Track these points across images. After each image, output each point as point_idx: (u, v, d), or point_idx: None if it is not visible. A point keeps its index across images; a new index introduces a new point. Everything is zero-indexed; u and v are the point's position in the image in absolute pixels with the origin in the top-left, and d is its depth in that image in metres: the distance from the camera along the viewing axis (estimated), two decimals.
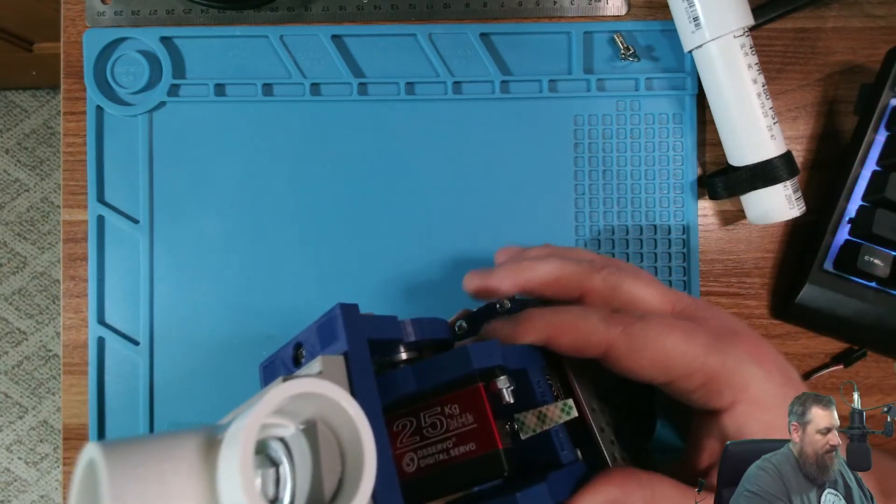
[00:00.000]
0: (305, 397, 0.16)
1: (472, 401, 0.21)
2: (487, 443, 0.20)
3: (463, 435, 0.21)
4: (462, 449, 0.20)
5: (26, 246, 1.12)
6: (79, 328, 0.36)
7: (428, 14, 0.36)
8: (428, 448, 0.21)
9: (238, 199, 0.36)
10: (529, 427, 0.22)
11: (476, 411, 0.21)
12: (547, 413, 0.22)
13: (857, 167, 0.33)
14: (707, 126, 0.36)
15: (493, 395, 0.21)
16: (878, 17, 0.36)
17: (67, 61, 0.36)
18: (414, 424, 0.21)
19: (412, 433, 0.21)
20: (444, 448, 0.21)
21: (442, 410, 0.21)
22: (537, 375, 0.24)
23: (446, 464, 0.21)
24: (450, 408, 0.21)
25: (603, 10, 0.36)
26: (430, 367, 0.22)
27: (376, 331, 0.20)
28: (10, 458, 1.11)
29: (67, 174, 0.36)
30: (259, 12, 0.36)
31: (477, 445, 0.20)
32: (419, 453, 0.21)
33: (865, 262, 0.32)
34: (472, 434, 0.21)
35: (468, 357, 0.21)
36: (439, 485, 0.20)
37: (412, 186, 0.36)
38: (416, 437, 0.21)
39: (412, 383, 0.21)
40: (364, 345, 0.19)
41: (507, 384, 0.21)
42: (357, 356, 0.19)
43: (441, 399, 0.21)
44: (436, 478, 0.21)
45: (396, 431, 0.21)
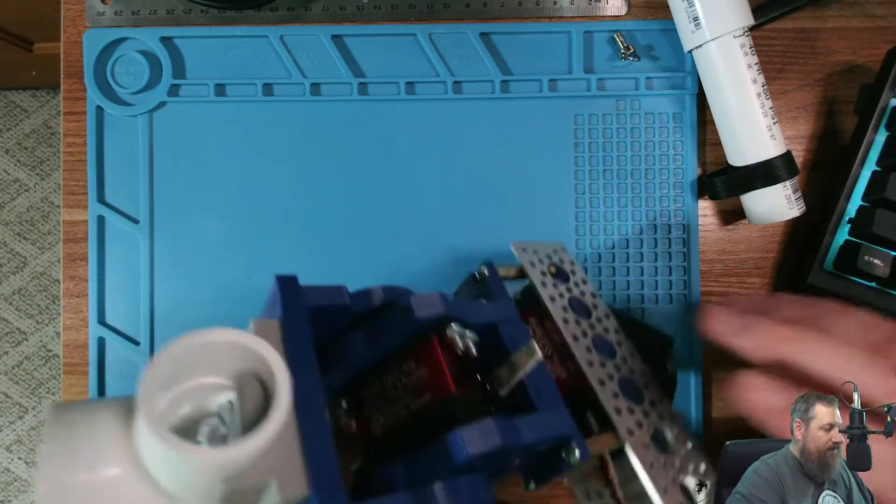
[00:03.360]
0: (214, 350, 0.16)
1: (425, 353, 0.21)
2: (441, 389, 0.20)
3: (420, 387, 0.20)
4: (420, 401, 0.20)
5: (26, 246, 1.12)
6: (79, 328, 0.36)
7: (428, 14, 0.36)
8: (391, 407, 0.21)
9: (238, 199, 0.36)
10: (503, 380, 0.21)
11: (429, 362, 0.21)
12: (515, 361, 0.21)
13: (857, 167, 0.33)
14: (707, 126, 0.36)
15: (449, 347, 0.21)
16: (878, 17, 0.36)
17: (67, 61, 0.36)
18: (379, 388, 0.21)
19: (378, 396, 0.21)
20: (405, 404, 0.20)
21: (401, 369, 0.21)
22: (511, 329, 0.23)
23: (407, 418, 0.20)
24: (407, 365, 0.21)
25: (603, 10, 0.36)
26: (378, 326, 0.21)
27: (318, 298, 0.20)
28: (10, 458, 1.11)
29: (67, 174, 0.36)
30: (259, 12, 0.36)
31: (432, 394, 0.20)
32: (385, 413, 0.21)
33: (865, 263, 0.32)
34: (428, 384, 0.20)
35: (409, 308, 0.21)
36: (404, 440, 0.20)
37: (412, 186, 0.36)
38: (382, 399, 0.21)
39: (363, 344, 0.21)
40: (301, 309, 0.19)
41: (458, 332, 0.21)
42: (292, 318, 0.19)
43: (401, 358, 0.21)
44: (400, 433, 0.20)
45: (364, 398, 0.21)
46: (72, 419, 0.16)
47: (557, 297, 0.26)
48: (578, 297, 0.27)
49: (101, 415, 0.17)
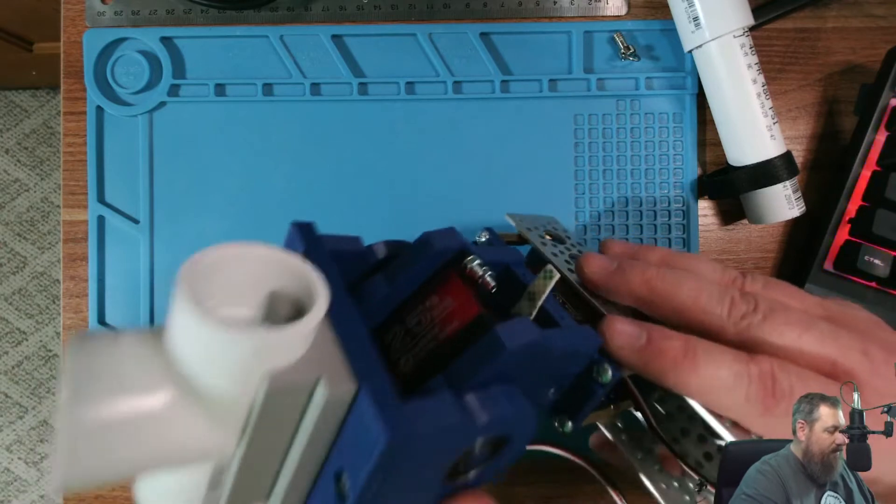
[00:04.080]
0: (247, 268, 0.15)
1: (446, 284, 0.21)
2: (468, 312, 0.20)
3: (445, 318, 0.20)
4: (447, 329, 0.20)
5: (26, 246, 1.12)
6: (79, 328, 0.36)
7: (428, 14, 0.36)
8: (419, 343, 0.20)
9: (238, 199, 0.36)
10: (524, 311, 0.21)
11: (452, 292, 0.21)
12: (534, 289, 0.21)
13: (857, 167, 0.33)
14: (707, 126, 0.36)
15: (469, 279, 0.21)
16: (878, 17, 0.36)
17: (67, 61, 0.36)
18: (403, 330, 0.21)
19: (403, 337, 0.21)
20: (432, 336, 0.20)
21: (425, 306, 0.21)
22: (522, 270, 0.23)
23: (436, 349, 0.20)
24: (429, 301, 0.21)
25: (603, 10, 0.36)
26: (397, 264, 0.21)
27: (336, 244, 0.20)
28: (10, 458, 1.11)
29: (67, 174, 0.36)
30: (259, 12, 0.36)
31: (459, 319, 0.20)
32: (413, 351, 0.20)
33: (865, 263, 0.32)
34: (453, 312, 0.20)
35: (428, 241, 0.21)
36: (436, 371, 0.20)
37: (412, 186, 0.36)
38: (408, 339, 0.21)
39: (384, 285, 0.21)
40: (322, 249, 0.19)
41: (477, 261, 0.21)
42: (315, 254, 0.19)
43: (421, 297, 0.21)
44: (432, 366, 0.20)
45: (388, 343, 0.21)
46: (97, 345, 0.15)
47: (558, 254, 0.27)
48: (577, 255, 0.28)
49: (128, 338, 0.15)
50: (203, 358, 0.14)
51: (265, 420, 0.15)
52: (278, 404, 0.15)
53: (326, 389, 0.15)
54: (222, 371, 0.14)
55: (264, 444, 0.16)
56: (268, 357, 0.14)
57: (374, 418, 0.15)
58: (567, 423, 0.23)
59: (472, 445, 0.18)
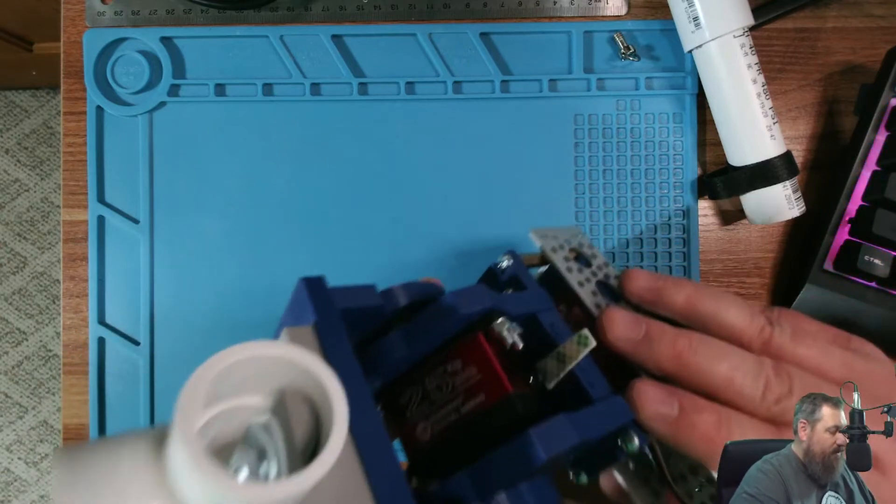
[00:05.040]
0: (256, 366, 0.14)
1: (473, 351, 0.19)
2: (496, 390, 0.18)
3: (470, 389, 0.19)
4: (472, 403, 0.19)
5: (26, 246, 1.12)
6: (79, 328, 0.36)
7: (428, 14, 0.36)
8: (439, 412, 0.19)
9: (238, 199, 0.36)
10: (552, 372, 0.20)
11: (479, 361, 0.19)
12: (565, 351, 0.20)
13: (857, 167, 0.33)
14: (707, 126, 0.36)
15: (497, 342, 0.19)
16: (878, 17, 0.36)
17: (67, 61, 0.36)
18: (420, 392, 0.20)
19: (420, 401, 0.20)
20: (454, 408, 0.19)
21: (445, 370, 0.20)
22: (550, 317, 0.21)
23: (459, 423, 0.19)
24: (452, 365, 0.20)
25: (603, 10, 0.36)
26: (418, 324, 0.19)
27: (349, 300, 0.18)
28: (10, 458, 1.11)
29: (67, 174, 0.36)
30: (259, 12, 0.36)
31: (486, 395, 0.18)
32: (431, 419, 0.19)
33: (865, 262, 0.32)
34: (480, 385, 0.19)
35: (454, 305, 0.19)
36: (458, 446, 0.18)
37: (412, 186, 0.36)
38: (426, 404, 0.19)
39: (402, 347, 0.19)
40: (334, 312, 0.17)
41: (507, 325, 0.19)
42: (327, 323, 0.17)
43: (442, 358, 0.20)
44: (452, 440, 0.19)
45: (404, 403, 0.20)
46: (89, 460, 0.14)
47: (585, 282, 0.25)
48: (604, 280, 0.26)
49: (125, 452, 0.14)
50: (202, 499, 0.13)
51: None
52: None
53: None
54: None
55: None
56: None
57: None
58: (582, 476, 0.21)
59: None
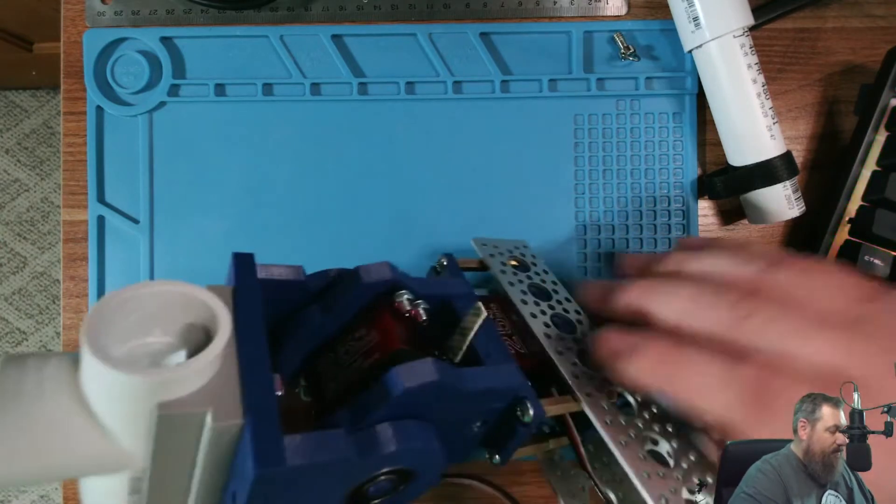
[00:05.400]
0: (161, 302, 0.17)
1: (376, 318, 0.21)
2: (388, 347, 0.20)
3: (370, 349, 0.21)
4: (368, 361, 0.21)
5: (26, 246, 1.12)
6: (79, 328, 0.36)
7: (428, 14, 0.36)
8: (342, 372, 0.21)
9: (238, 199, 0.36)
10: (456, 346, 0.22)
11: (378, 325, 0.21)
12: (465, 325, 0.22)
13: (857, 167, 0.33)
14: (707, 126, 0.36)
15: (402, 316, 0.22)
16: (878, 17, 0.36)
17: (67, 61, 0.36)
18: (332, 358, 0.22)
19: (331, 365, 0.22)
20: (356, 367, 0.21)
21: (353, 337, 0.22)
22: (464, 303, 0.23)
23: (355, 377, 0.21)
24: (359, 332, 0.22)
25: (603, 10, 0.36)
26: (330, 295, 0.22)
27: (270, 273, 0.21)
28: None
29: (67, 174, 0.36)
30: (259, 12, 0.36)
31: (380, 353, 0.20)
32: (337, 379, 0.21)
33: (865, 263, 0.32)
34: (377, 345, 0.21)
35: (360, 276, 0.22)
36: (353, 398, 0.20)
37: (412, 186, 0.36)
38: (335, 367, 0.21)
39: (317, 314, 0.22)
40: (253, 279, 0.20)
41: (406, 296, 0.22)
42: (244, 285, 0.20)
43: (352, 328, 0.22)
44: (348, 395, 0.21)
45: (321, 371, 0.22)
46: (23, 363, 0.17)
47: (516, 283, 0.27)
48: (538, 284, 0.28)
49: (50, 360, 0.18)
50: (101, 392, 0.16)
51: (162, 444, 0.17)
52: (171, 432, 0.16)
53: (213, 422, 0.16)
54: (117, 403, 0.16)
55: (167, 462, 0.17)
56: (160, 392, 0.16)
57: (248, 452, 0.16)
58: (496, 457, 0.23)
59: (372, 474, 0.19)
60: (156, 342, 0.18)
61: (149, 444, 0.17)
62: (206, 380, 0.17)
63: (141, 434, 0.17)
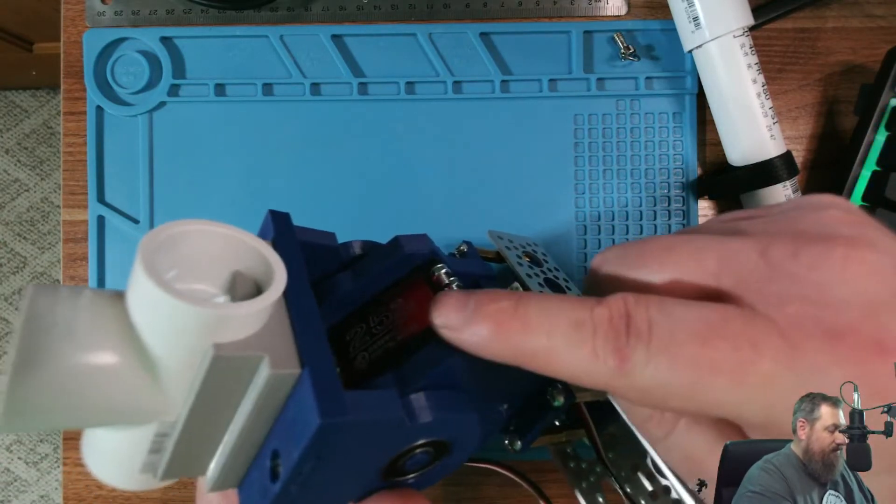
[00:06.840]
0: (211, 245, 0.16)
1: (413, 289, 0.21)
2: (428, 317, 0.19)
3: (407, 321, 0.20)
4: (406, 332, 0.20)
5: (26, 246, 1.12)
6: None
7: (428, 14, 0.36)
8: (376, 342, 0.21)
9: (238, 199, 0.36)
10: None
11: (416, 296, 0.21)
12: None
13: (857, 167, 0.33)
14: (707, 126, 0.36)
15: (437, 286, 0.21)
16: (878, 17, 0.36)
17: (67, 61, 0.36)
18: (364, 328, 0.21)
19: (363, 336, 0.21)
20: (392, 337, 0.20)
21: (389, 308, 0.21)
22: (491, 284, 0.23)
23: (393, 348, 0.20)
24: (394, 303, 0.21)
25: (603, 10, 0.36)
26: (366, 262, 0.22)
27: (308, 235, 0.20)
28: (10, 458, 1.11)
29: (67, 174, 0.36)
30: (259, 12, 0.36)
31: (419, 323, 0.20)
32: (370, 349, 0.21)
33: None
34: (415, 316, 0.20)
35: (399, 244, 0.21)
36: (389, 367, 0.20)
37: (412, 186, 0.36)
38: (367, 337, 0.21)
39: (349, 281, 0.21)
40: (293, 238, 0.19)
41: (445, 270, 0.21)
42: (283, 240, 0.19)
43: (386, 299, 0.21)
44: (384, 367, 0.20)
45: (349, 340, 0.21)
46: (57, 297, 0.15)
47: (533, 276, 0.27)
48: (552, 279, 0.28)
49: (89, 295, 0.16)
50: (154, 323, 0.15)
51: (207, 390, 0.15)
52: (221, 376, 0.15)
53: (269, 368, 0.15)
54: (171, 338, 0.15)
55: (206, 414, 0.16)
56: (216, 330, 0.15)
57: (310, 401, 0.15)
58: (517, 443, 0.23)
59: (411, 444, 0.18)
60: (199, 288, 0.17)
61: (192, 392, 0.15)
62: (260, 326, 0.16)
63: (185, 378, 0.15)
